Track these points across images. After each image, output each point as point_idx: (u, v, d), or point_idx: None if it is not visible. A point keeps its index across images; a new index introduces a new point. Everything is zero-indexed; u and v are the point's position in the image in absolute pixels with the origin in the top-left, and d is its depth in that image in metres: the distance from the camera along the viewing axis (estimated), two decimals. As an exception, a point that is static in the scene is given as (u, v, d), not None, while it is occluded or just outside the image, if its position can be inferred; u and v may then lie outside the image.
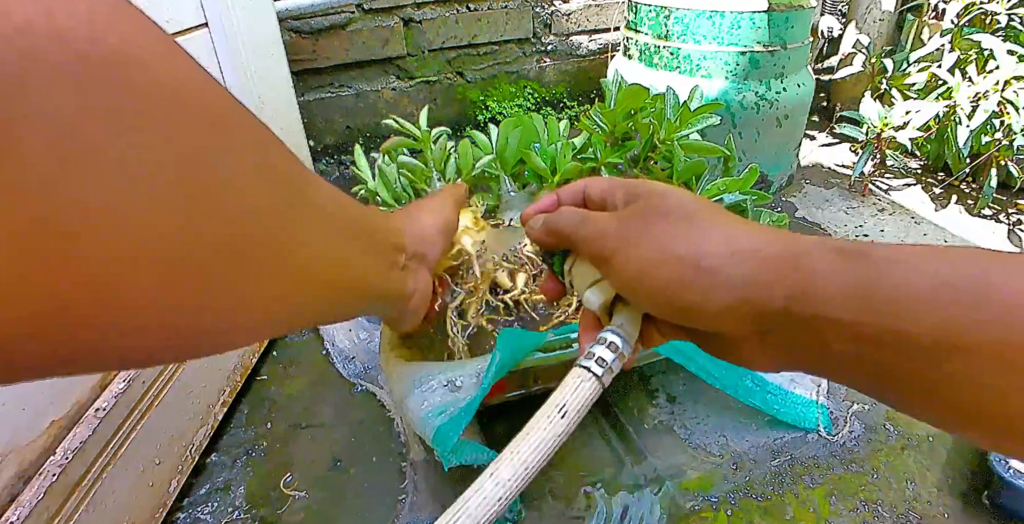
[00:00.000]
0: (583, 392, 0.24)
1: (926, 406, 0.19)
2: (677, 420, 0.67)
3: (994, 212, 1.12)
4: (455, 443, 0.46)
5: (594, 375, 0.24)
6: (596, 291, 0.28)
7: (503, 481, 0.22)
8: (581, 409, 0.24)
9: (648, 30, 1.08)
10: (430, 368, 0.52)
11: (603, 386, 0.25)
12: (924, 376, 0.18)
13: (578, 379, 0.24)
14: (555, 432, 0.23)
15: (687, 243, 0.23)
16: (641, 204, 0.26)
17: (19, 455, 0.42)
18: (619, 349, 0.25)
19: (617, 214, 0.27)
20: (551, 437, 0.23)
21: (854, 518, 0.57)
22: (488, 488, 0.21)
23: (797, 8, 1.00)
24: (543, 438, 0.23)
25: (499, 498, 0.21)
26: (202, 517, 0.58)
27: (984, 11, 1.09)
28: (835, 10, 1.39)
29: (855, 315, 0.19)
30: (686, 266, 0.22)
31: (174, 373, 0.58)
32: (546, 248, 0.32)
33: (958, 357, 0.17)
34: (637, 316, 0.27)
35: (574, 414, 0.23)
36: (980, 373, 0.17)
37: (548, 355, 0.53)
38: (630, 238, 0.24)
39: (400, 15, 1.30)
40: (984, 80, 1.02)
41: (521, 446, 0.23)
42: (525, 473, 0.22)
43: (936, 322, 0.17)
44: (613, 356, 0.25)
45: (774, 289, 0.21)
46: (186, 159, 0.17)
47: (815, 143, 1.41)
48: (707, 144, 0.62)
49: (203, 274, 0.19)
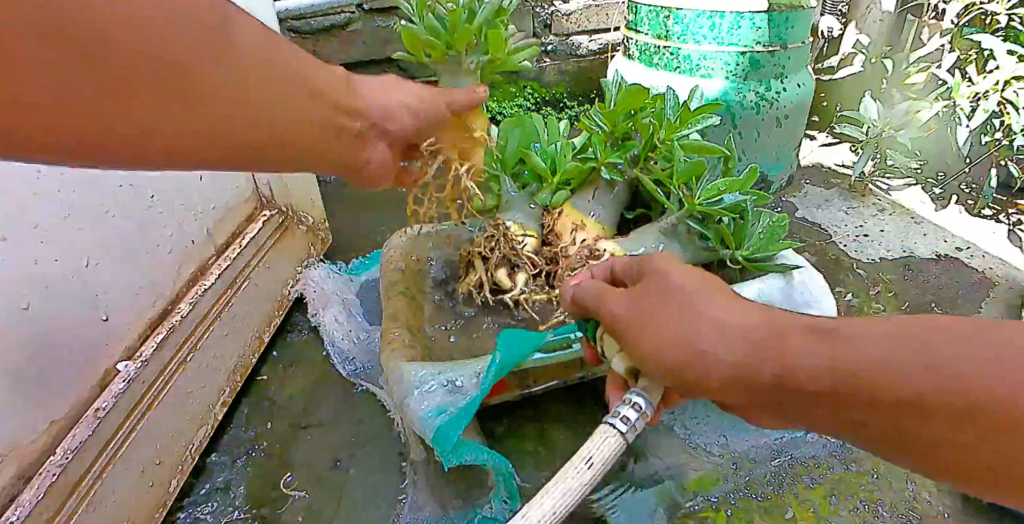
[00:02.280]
0: (608, 447, 0.27)
1: (904, 460, 0.22)
2: (677, 420, 0.67)
3: (994, 212, 1.12)
4: (455, 443, 0.46)
5: (619, 432, 0.27)
6: (621, 358, 0.31)
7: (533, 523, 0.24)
8: (606, 462, 0.27)
9: (648, 30, 1.08)
10: (430, 368, 0.52)
11: (627, 443, 0.28)
12: (903, 436, 0.21)
13: (604, 435, 0.27)
14: (582, 481, 0.26)
15: (685, 328, 0.27)
16: (647, 284, 0.30)
17: (19, 455, 0.42)
18: (642, 409, 0.28)
19: (628, 292, 0.30)
20: (578, 486, 0.26)
21: (854, 518, 0.57)
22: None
23: (797, 8, 1.00)
24: (571, 486, 0.26)
25: None
26: (202, 517, 0.58)
27: (984, 11, 1.09)
28: (835, 10, 1.39)
29: (830, 386, 0.22)
30: (686, 350, 0.26)
31: (174, 373, 0.58)
32: (576, 318, 0.36)
33: (918, 416, 0.20)
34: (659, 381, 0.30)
35: (599, 466, 0.26)
36: (940, 431, 0.20)
37: (548, 356, 0.53)
38: (639, 321, 0.28)
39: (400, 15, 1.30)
40: (984, 80, 1.02)
41: (551, 492, 0.25)
42: (554, 516, 0.25)
43: (895, 389, 0.20)
44: (636, 415, 0.28)
45: (762, 368, 0.24)
46: None
47: (815, 143, 1.41)
48: (707, 144, 0.62)
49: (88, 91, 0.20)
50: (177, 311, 0.60)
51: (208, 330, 0.64)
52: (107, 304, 0.51)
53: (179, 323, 0.59)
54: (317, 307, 0.83)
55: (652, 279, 0.30)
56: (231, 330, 0.68)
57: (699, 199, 0.61)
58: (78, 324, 0.48)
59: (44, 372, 0.45)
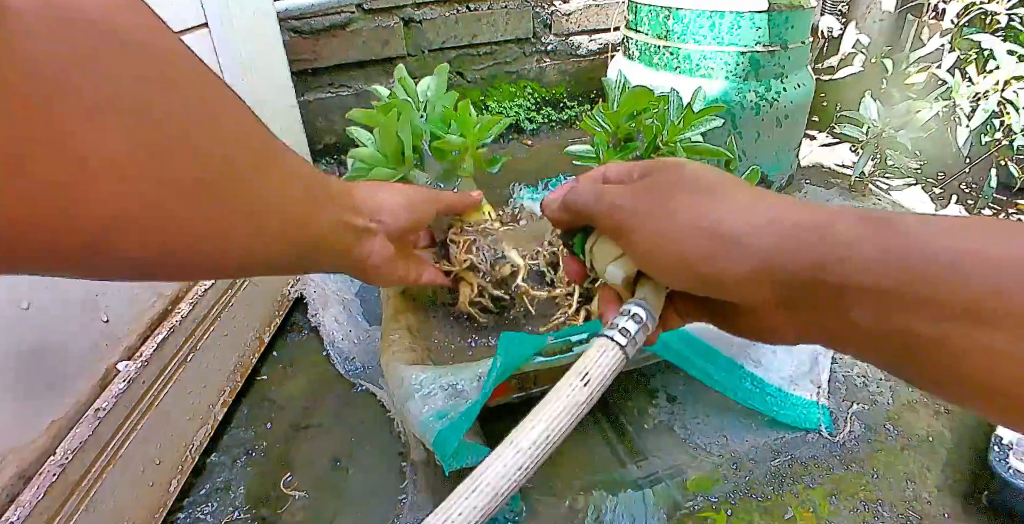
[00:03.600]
0: (606, 361, 0.23)
1: (948, 379, 0.18)
2: (677, 420, 0.67)
3: (994, 212, 1.12)
4: (456, 448, 0.46)
5: (617, 344, 0.24)
6: (618, 265, 0.27)
7: (523, 449, 0.21)
8: (604, 378, 0.23)
9: (648, 30, 1.08)
10: (431, 372, 0.52)
11: (627, 357, 0.24)
12: (952, 346, 0.17)
13: (602, 348, 0.24)
14: (576, 400, 0.22)
15: (707, 213, 0.23)
16: (657, 176, 0.26)
17: (19, 455, 0.42)
18: (643, 320, 0.25)
19: (633, 186, 0.26)
20: (572, 405, 0.22)
21: (854, 518, 0.57)
22: (508, 457, 0.21)
23: (797, 8, 1.00)
24: (564, 406, 0.22)
25: (520, 466, 0.21)
26: (202, 517, 0.58)
27: (984, 11, 1.09)
28: (835, 10, 1.39)
29: (884, 282, 0.18)
30: (707, 236, 0.22)
31: (174, 373, 0.58)
32: (565, 226, 0.31)
33: (991, 326, 0.17)
34: (660, 290, 0.27)
35: (597, 383, 0.23)
36: (1012, 344, 0.16)
37: (548, 359, 0.53)
38: (648, 210, 0.24)
39: (400, 15, 1.30)
40: (984, 80, 1.02)
41: (542, 414, 0.22)
42: (547, 441, 0.21)
43: (971, 290, 0.17)
44: (637, 327, 0.25)
45: (798, 257, 0.20)
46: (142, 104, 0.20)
47: (815, 143, 1.41)
48: (710, 146, 0.62)
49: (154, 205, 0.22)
50: (177, 311, 0.60)
51: (208, 330, 0.64)
52: (107, 304, 0.51)
53: (179, 323, 0.59)
54: (317, 307, 0.83)
55: (663, 171, 0.26)
56: (231, 330, 0.68)
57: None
58: (78, 324, 0.48)
59: (44, 372, 0.45)
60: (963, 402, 0.19)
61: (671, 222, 0.23)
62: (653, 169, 0.27)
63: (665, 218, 0.23)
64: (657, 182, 0.25)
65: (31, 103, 0.17)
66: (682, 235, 0.23)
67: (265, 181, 0.28)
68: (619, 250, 0.28)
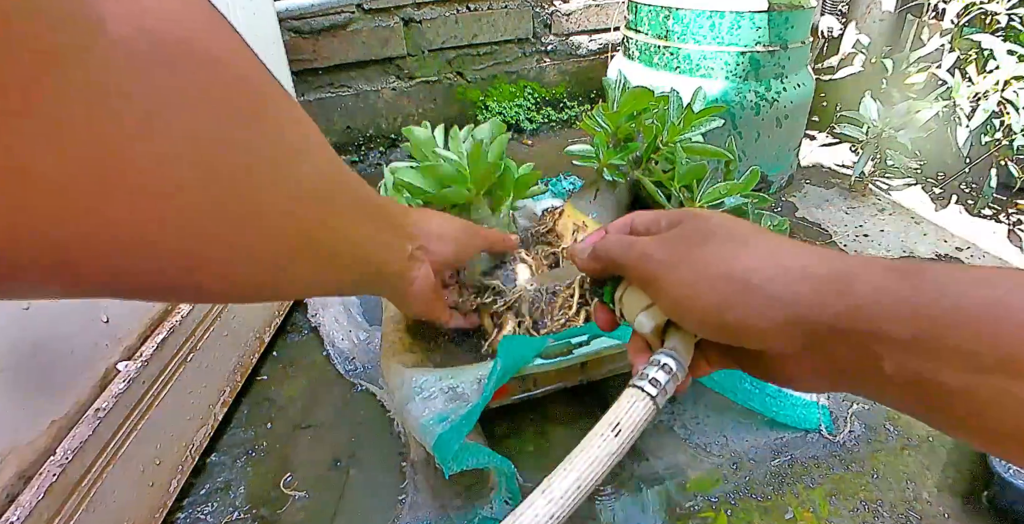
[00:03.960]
0: (637, 411, 0.24)
1: (976, 428, 0.19)
2: (677, 420, 0.67)
3: (994, 212, 1.12)
4: (456, 451, 0.46)
5: (648, 395, 0.24)
6: (648, 315, 0.28)
7: (555, 499, 0.22)
8: (635, 429, 0.24)
9: (648, 30, 1.08)
10: (431, 375, 0.52)
11: (657, 407, 0.25)
12: (981, 396, 0.18)
13: (632, 399, 0.24)
14: (609, 450, 0.23)
15: (733, 263, 0.23)
16: (685, 226, 0.26)
17: (19, 455, 0.42)
18: (673, 370, 0.25)
19: (661, 236, 0.27)
20: (604, 455, 0.23)
21: (854, 518, 0.56)
22: (540, 505, 0.21)
23: (797, 8, 1.00)
24: (596, 456, 0.23)
25: (551, 515, 0.21)
26: (202, 517, 0.58)
27: (984, 11, 1.09)
28: (835, 10, 1.39)
29: (913, 331, 0.18)
30: (733, 285, 0.22)
31: (174, 373, 0.58)
32: (595, 275, 0.32)
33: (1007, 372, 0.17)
34: (689, 339, 0.27)
35: (628, 433, 0.23)
36: None
37: (549, 362, 0.53)
38: (677, 260, 0.25)
39: (400, 15, 1.30)
40: (984, 80, 1.02)
41: (574, 463, 0.23)
42: (578, 491, 0.22)
43: (1004, 341, 0.17)
44: (667, 377, 0.25)
45: (825, 306, 0.20)
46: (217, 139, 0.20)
47: (815, 143, 1.41)
48: (710, 147, 0.62)
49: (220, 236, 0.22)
50: (177, 311, 0.60)
51: (208, 330, 0.64)
52: (107, 304, 0.51)
53: (179, 323, 0.59)
54: (317, 307, 0.83)
55: (690, 222, 0.26)
56: (231, 330, 0.68)
57: (700, 202, 0.61)
58: (78, 324, 0.48)
59: (44, 372, 0.45)
60: (992, 449, 0.19)
61: (700, 272, 0.24)
62: (681, 219, 0.27)
63: (694, 268, 0.24)
64: (685, 232, 0.26)
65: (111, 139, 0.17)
66: (711, 285, 0.23)
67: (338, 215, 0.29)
68: (648, 299, 0.28)
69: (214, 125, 0.20)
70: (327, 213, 0.28)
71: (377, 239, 0.36)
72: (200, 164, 0.20)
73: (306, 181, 0.26)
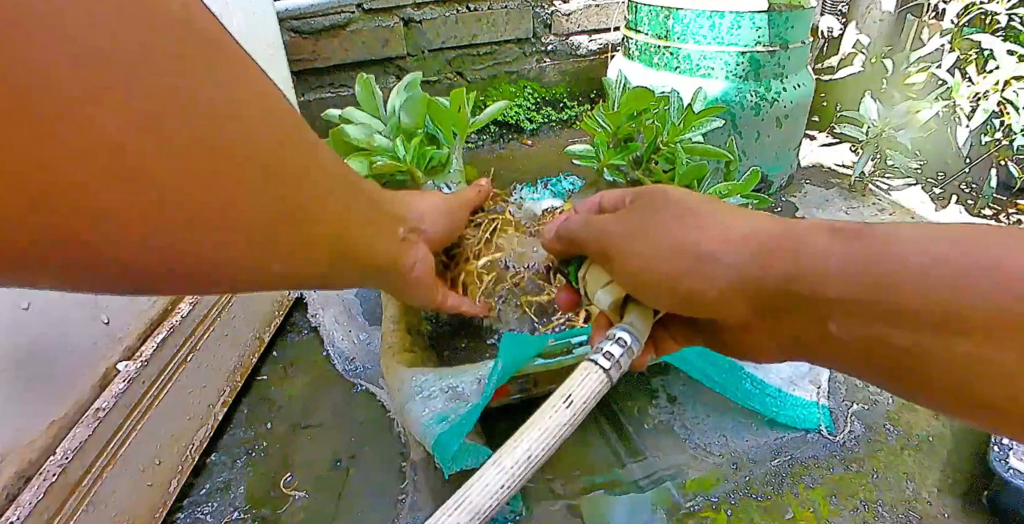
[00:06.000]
0: (589, 384, 0.24)
1: (929, 389, 0.18)
2: (677, 420, 0.67)
3: (994, 212, 1.12)
4: (456, 451, 0.46)
5: (601, 368, 0.25)
6: (606, 291, 0.28)
7: (506, 469, 0.22)
8: (587, 401, 0.24)
9: (648, 30, 1.08)
10: (431, 374, 0.52)
11: (611, 380, 0.25)
12: (931, 356, 0.17)
13: (585, 371, 0.25)
14: (559, 421, 0.23)
15: (684, 233, 0.23)
16: (641, 200, 0.27)
17: (19, 455, 0.42)
18: (627, 344, 0.25)
19: (619, 212, 0.27)
20: (555, 426, 0.23)
21: (854, 518, 0.57)
22: (491, 476, 0.22)
23: (797, 8, 1.00)
24: (547, 426, 0.23)
25: (502, 485, 0.22)
26: (202, 517, 0.58)
27: (984, 11, 1.09)
28: (835, 10, 1.39)
29: (856, 292, 0.18)
30: (684, 255, 0.23)
31: (174, 373, 0.58)
32: (559, 255, 0.32)
33: (967, 335, 0.16)
34: (647, 314, 0.27)
35: (580, 405, 0.24)
36: (990, 352, 0.16)
37: (549, 361, 0.53)
38: (632, 233, 0.25)
39: (400, 15, 1.30)
40: (984, 80, 1.02)
41: (525, 435, 0.23)
42: (528, 461, 0.22)
43: (945, 298, 0.17)
44: (621, 350, 0.25)
45: (771, 270, 0.21)
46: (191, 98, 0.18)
47: (815, 143, 1.41)
48: (710, 148, 0.62)
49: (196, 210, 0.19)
50: (177, 311, 0.60)
51: (208, 330, 0.64)
52: (107, 304, 0.51)
53: (179, 323, 0.59)
54: (317, 307, 0.83)
55: (646, 196, 0.26)
56: (231, 330, 0.68)
57: (700, 201, 0.61)
58: (78, 324, 0.48)
59: (44, 372, 0.45)
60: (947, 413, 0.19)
61: (653, 244, 0.24)
62: (641, 194, 0.27)
63: (648, 241, 0.24)
64: (641, 207, 0.26)
65: None
66: (663, 256, 0.23)
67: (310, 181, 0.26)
68: (608, 277, 0.28)
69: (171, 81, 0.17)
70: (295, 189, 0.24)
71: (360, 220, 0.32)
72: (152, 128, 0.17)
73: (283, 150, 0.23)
